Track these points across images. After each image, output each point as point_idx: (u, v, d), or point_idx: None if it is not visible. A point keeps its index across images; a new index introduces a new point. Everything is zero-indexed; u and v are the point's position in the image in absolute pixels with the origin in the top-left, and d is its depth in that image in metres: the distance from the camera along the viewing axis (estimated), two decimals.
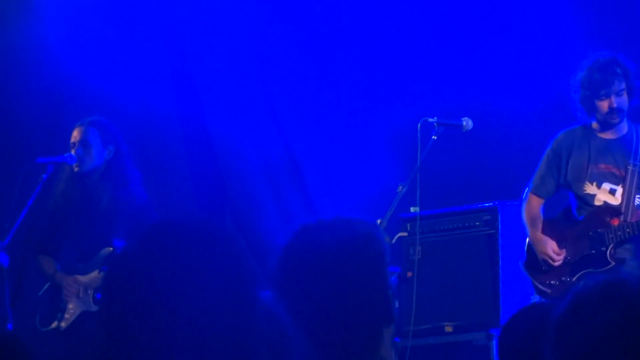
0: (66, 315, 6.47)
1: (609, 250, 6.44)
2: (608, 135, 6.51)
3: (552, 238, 6.59)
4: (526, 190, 6.77)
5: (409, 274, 7.10)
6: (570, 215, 6.64)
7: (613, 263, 6.42)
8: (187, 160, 8.57)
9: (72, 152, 6.55)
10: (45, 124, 8.07)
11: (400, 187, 6.62)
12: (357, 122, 8.57)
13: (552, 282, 6.57)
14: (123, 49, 8.26)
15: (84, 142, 6.57)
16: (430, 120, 6.75)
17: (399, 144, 7.94)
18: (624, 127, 6.51)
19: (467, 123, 6.79)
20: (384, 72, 8.54)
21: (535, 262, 6.64)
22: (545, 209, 6.75)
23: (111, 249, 6.38)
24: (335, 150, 8.59)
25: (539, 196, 6.68)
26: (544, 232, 6.62)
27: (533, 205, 6.72)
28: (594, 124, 6.41)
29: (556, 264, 6.56)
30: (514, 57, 8.28)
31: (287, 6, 8.56)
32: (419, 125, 6.73)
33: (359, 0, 8.52)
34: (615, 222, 6.41)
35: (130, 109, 8.10)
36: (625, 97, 6.35)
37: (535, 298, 6.78)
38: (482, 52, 8.34)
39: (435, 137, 6.70)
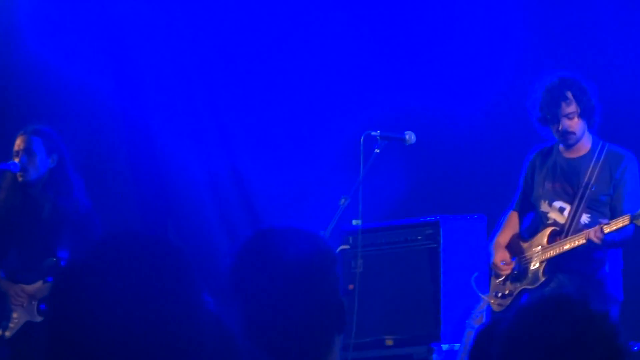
0: (11, 325, 6.46)
1: (541, 268, 6.57)
2: (570, 154, 6.61)
3: (512, 250, 6.74)
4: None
5: (351, 287, 7.13)
6: (533, 232, 6.78)
7: (542, 279, 6.53)
8: (130, 170, 8.55)
9: (16, 160, 6.53)
10: None
11: (343, 200, 6.62)
12: (300, 135, 8.58)
13: (500, 293, 6.70)
14: (70, 56, 8.23)
15: (28, 151, 6.55)
16: (373, 133, 6.75)
17: (341, 157, 7.94)
18: (587, 145, 6.60)
19: (410, 137, 6.81)
20: (327, 85, 8.59)
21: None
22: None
23: (55, 259, 6.38)
24: (278, 162, 8.60)
25: (515, 210, 6.81)
26: (511, 243, 6.75)
27: (510, 219, 6.84)
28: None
29: (502, 273, 6.68)
30: (457, 69, 8.34)
31: (233, 20, 8.59)
32: (361, 138, 6.74)
33: (303, 14, 8.51)
34: (557, 240, 6.53)
35: (74, 117, 8.07)
36: (576, 120, 6.43)
37: (477, 312, 6.85)
38: (426, 65, 8.37)
39: (378, 151, 6.71)
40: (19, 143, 6.57)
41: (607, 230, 6.19)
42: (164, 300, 1.83)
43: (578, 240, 6.36)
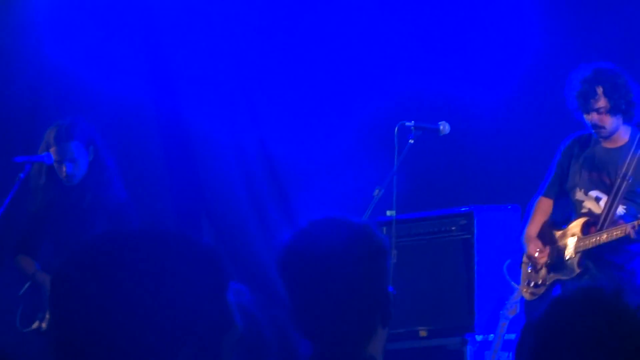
0: (47, 316, 6.47)
1: (576, 259, 6.62)
2: (609, 144, 6.66)
3: (544, 238, 6.78)
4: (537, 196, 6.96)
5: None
6: (567, 220, 6.82)
7: (578, 271, 6.59)
8: (166, 164, 8.58)
9: (63, 169, 6.62)
10: (23, 122, 8.11)
11: (377, 191, 6.67)
12: (335, 126, 8.63)
13: (532, 283, 6.75)
14: (103, 49, 8.27)
15: (72, 160, 6.65)
16: (408, 124, 6.78)
17: (376, 147, 7.95)
18: (626, 137, 6.67)
19: (444, 127, 6.84)
20: (361, 76, 8.59)
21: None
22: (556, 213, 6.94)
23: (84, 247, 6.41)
24: (313, 154, 8.63)
25: (548, 197, 6.84)
26: (542, 232, 6.80)
27: (540, 206, 6.87)
28: None
29: (539, 262, 6.72)
30: (491, 61, 8.30)
31: (263, 10, 8.62)
32: (396, 129, 6.77)
33: (335, 3, 8.56)
34: (592, 230, 6.57)
35: (110, 111, 8.14)
36: (606, 114, 6.52)
37: (511, 303, 6.93)
38: (460, 57, 8.36)
39: (412, 141, 6.74)
40: (58, 151, 6.64)
41: None
42: (191, 299, 1.81)
43: (616, 233, 6.45)
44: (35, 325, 6.72)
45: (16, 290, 6.94)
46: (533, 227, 6.85)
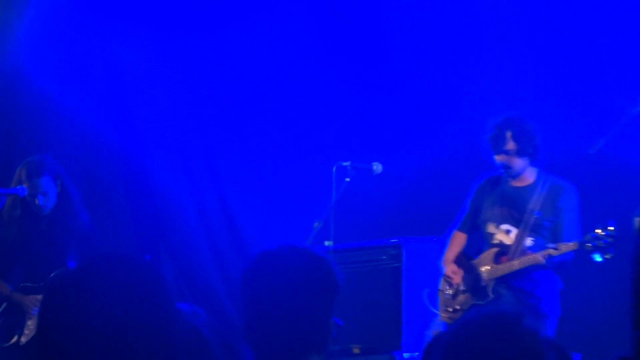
0: (26, 331, 6.70)
1: (490, 285, 6.76)
2: (517, 183, 6.82)
3: (459, 266, 6.93)
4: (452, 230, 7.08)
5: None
6: (479, 252, 6.92)
7: (492, 296, 6.74)
8: (126, 196, 8.65)
9: (36, 201, 6.81)
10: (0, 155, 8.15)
11: (317, 223, 6.90)
12: (280, 168, 8.78)
13: (450, 308, 6.88)
14: (70, 92, 8.34)
15: (43, 193, 6.87)
16: (344, 164, 7.02)
17: (316, 185, 8.14)
18: (532, 177, 6.85)
19: (377, 167, 7.07)
20: (303, 123, 8.77)
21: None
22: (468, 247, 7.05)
23: (64, 269, 6.55)
24: (260, 190, 8.77)
25: (462, 231, 6.98)
26: (458, 260, 6.94)
27: (455, 238, 7.01)
28: None
29: (454, 281, 6.88)
30: (420, 104, 8.50)
31: (217, 60, 8.74)
32: (334, 168, 7.01)
33: (279, 49, 8.70)
34: (503, 259, 6.73)
35: (78, 148, 8.26)
36: (513, 156, 6.71)
37: (435, 324, 7.00)
38: (393, 101, 8.54)
39: (349, 179, 6.97)
40: (30, 185, 6.82)
41: (555, 254, 6.52)
42: (139, 311, 1.92)
43: (527, 261, 6.63)
44: (14, 339, 6.83)
45: None
46: (450, 254, 6.99)
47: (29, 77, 8.28)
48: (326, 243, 7.07)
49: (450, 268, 6.96)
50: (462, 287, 6.88)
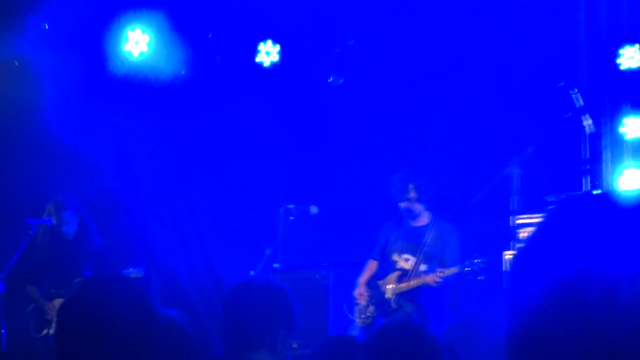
0: (53, 325, 7.08)
1: (393, 299, 7.47)
2: (415, 223, 7.51)
3: (371, 285, 7.55)
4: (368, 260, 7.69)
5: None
6: (386, 274, 7.57)
7: (395, 306, 7.44)
8: (126, 226, 9.34)
9: (53, 217, 7.72)
10: (34, 193, 8.85)
11: (268, 250, 7.72)
12: (242, 208, 9.54)
13: (363, 315, 7.64)
14: (84, 142, 8.95)
15: (67, 223, 7.80)
16: (289, 206, 7.84)
17: (268, 222, 8.76)
18: (426, 219, 7.45)
19: (314, 209, 7.89)
20: (261, 177, 9.47)
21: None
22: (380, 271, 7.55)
23: (82, 278, 6.13)
24: (228, 225, 9.56)
25: (374, 259, 7.63)
26: (370, 281, 7.55)
27: (369, 265, 7.65)
28: None
29: (359, 301, 7.61)
30: (347, 164, 9.22)
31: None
32: (281, 209, 7.86)
33: (227, 102, 9.26)
34: (403, 280, 7.47)
35: (90, 184, 8.89)
36: (414, 203, 7.38)
37: (353, 327, 7.76)
38: (327, 161, 9.30)
39: (293, 218, 7.79)
40: (57, 217, 7.65)
41: (441, 275, 7.26)
42: (130, 314, 2.06)
43: (421, 281, 7.34)
44: (45, 332, 7.60)
45: (26, 307, 7.76)
46: (363, 278, 7.65)
47: (55, 133, 8.93)
48: (275, 265, 7.82)
49: (358, 291, 7.59)
50: (372, 301, 7.55)
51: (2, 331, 7.44)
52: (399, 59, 8.70)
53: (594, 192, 6.51)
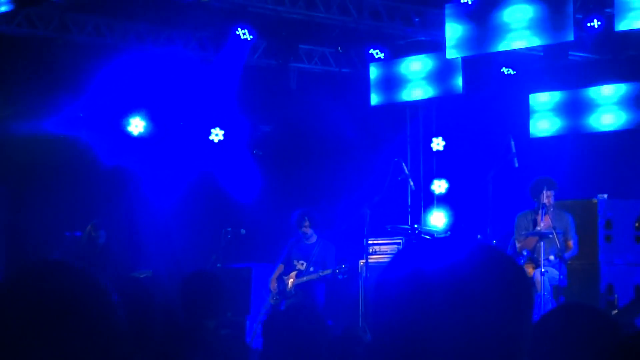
0: None
1: (292, 288, 10.76)
2: (308, 242, 10.95)
3: (279, 280, 10.86)
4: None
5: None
6: (289, 272, 10.77)
7: (293, 293, 10.80)
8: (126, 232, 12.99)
9: (92, 233, 11.81)
10: (69, 208, 12.48)
11: (214, 256, 11.69)
12: (196, 229, 13.22)
13: (273, 299, 11.30)
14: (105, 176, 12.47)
15: (100, 237, 11.64)
16: (228, 229, 11.72)
17: (213, 241, 12.23)
18: (314, 239, 10.87)
19: (243, 231, 11.83)
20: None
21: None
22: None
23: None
24: (192, 240, 13.28)
25: (281, 262, 10.93)
26: (278, 278, 10.79)
27: (279, 268, 10.93)
28: None
29: (272, 289, 10.99)
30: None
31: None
32: (223, 231, 11.85)
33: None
34: (299, 276, 11.11)
35: (110, 206, 12.57)
36: (307, 228, 10.80)
37: (266, 305, 11.47)
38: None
39: (229, 237, 11.77)
40: (95, 234, 11.63)
41: (321, 274, 10.78)
42: (79, 301, 1.98)
43: (310, 277, 10.80)
44: None
45: None
46: (274, 275, 11.05)
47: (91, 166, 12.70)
48: (218, 265, 11.49)
49: (272, 283, 11.14)
50: (279, 289, 10.92)
51: None
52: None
53: (426, 237, 10.65)
